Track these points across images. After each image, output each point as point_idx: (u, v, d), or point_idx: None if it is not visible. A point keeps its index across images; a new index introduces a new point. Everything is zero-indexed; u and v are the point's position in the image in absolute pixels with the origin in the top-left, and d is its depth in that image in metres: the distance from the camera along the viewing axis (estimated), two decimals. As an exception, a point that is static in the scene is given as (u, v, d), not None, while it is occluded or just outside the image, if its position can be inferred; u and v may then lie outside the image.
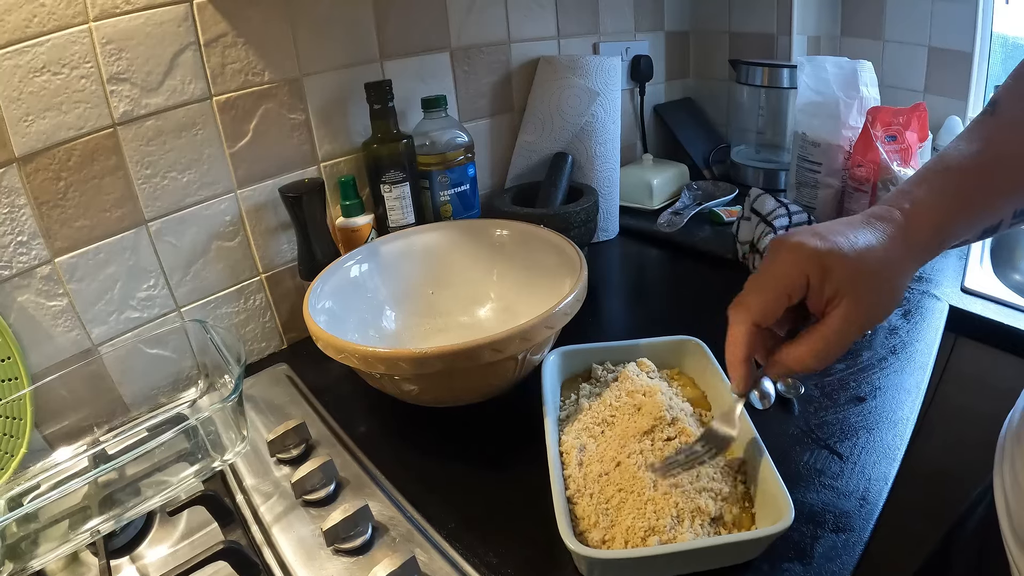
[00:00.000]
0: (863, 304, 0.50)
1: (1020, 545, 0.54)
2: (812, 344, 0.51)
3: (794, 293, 0.51)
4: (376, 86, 0.93)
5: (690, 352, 0.75)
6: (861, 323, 0.50)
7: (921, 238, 0.52)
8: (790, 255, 0.51)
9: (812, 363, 0.51)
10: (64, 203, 0.74)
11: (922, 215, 0.52)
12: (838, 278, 0.49)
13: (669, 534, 0.53)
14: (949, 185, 0.53)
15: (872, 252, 0.50)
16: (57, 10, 0.69)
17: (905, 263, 0.52)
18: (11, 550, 0.60)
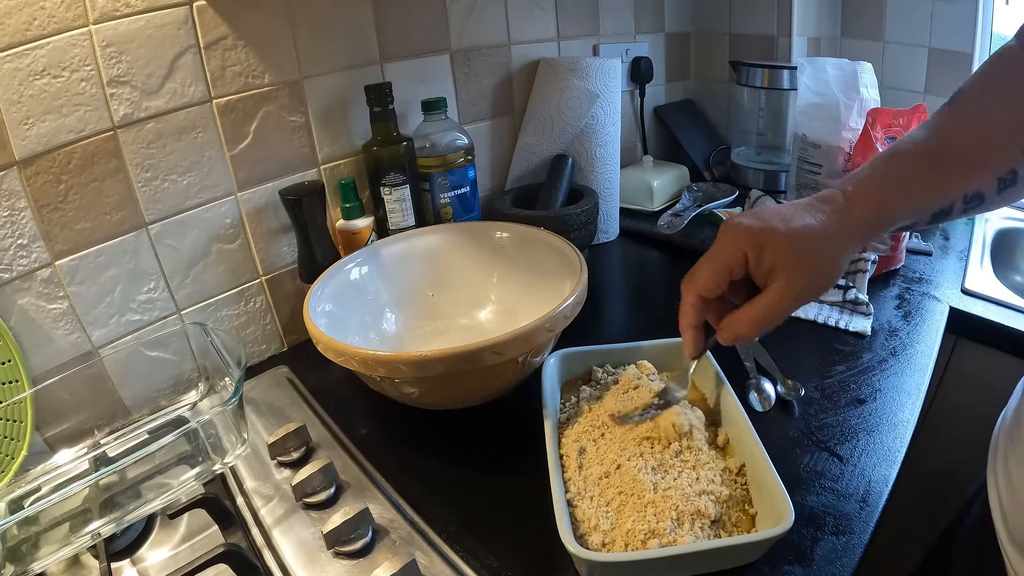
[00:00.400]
0: (797, 277, 0.54)
1: (1014, 542, 0.55)
2: (751, 312, 0.56)
3: (735, 268, 0.56)
4: (376, 88, 0.93)
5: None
6: (796, 295, 0.54)
7: (860, 218, 0.55)
8: (730, 234, 0.56)
9: (750, 328, 0.56)
10: (64, 206, 0.74)
11: (863, 196, 0.56)
12: (773, 254, 0.54)
13: (669, 537, 0.53)
14: (894, 169, 0.57)
15: (807, 230, 0.54)
16: (57, 13, 0.69)
17: (841, 240, 0.55)
18: (12, 553, 0.60)
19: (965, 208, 0.56)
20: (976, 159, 0.55)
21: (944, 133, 0.57)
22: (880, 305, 0.95)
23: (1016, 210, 1.26)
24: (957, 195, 0.55)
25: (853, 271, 0.98)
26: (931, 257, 1.10)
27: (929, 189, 0.55)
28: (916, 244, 1.12)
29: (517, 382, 0.76)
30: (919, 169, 0.56)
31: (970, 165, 0.55)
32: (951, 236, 1.17)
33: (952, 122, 0.58)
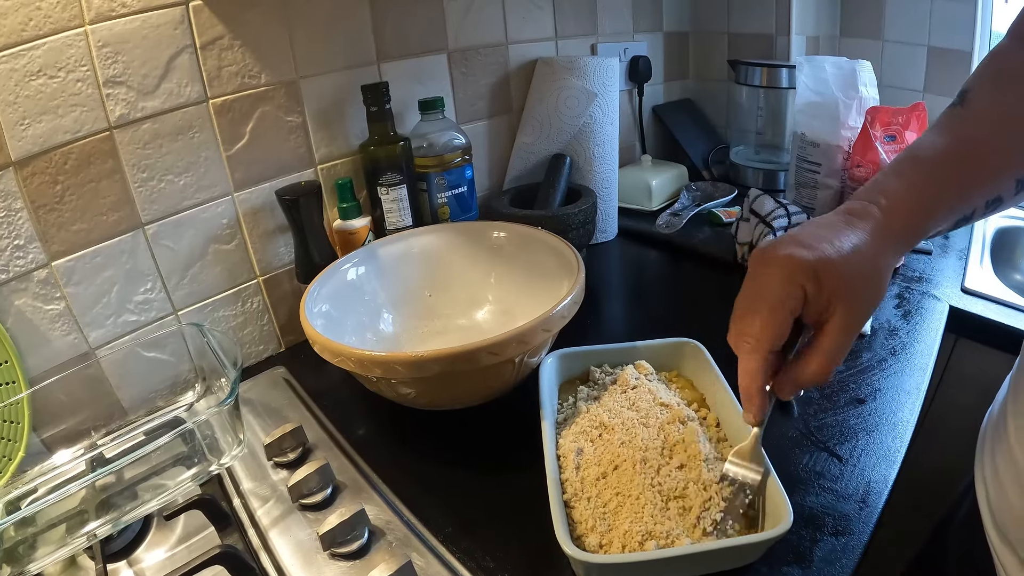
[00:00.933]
0: (856, 307, 0.50)
1: (1000, 535, 0.55)
2: (821, 358, 0.51)
3: (796, 309, 0.50)
4: (373, 88, 0.93)
5: (689, 354, 0.75)
6: (858, 325, 0.51)
7: (899, 231, 0.52)
8: (781, 270, 0.50)
9: (825, 377, 0.51)
10: (61, 207, 0.74)
11: (898, 209, 0.53)
12: (831, 286, 0.49)
13: (667, 538, 0.53)
14: (923, 178, 0.54)
15: (858, 254, 0.50)
16: (53, 13, 0.69)
17: (887, 257, 0.52)
18: (8, 554, 0.60)
19: (985, 212, 0.55)
20: (1000, 163, 0.53)
21: (963, 139, 0.55)
22: (880, 305, 0.95)
23: (1016, 208, 1.26)
24: (980, 200, 0.54)
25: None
26: (931, 256, 1.09)
27: (956, 196, 0.54)
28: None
29: (514, 383, 0.76)
30: (944, 177, 0.54)
31: (994, 169, 0.53)
32: (950, 235, 1.17)
33: (968, 127, 0.55)
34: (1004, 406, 0.59)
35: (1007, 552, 0.54)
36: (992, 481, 0.57)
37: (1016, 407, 0.55)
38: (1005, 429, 0.56)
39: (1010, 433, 0.55)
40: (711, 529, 0.54)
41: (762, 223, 1.02)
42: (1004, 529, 0.54)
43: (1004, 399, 0.60)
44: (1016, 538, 0.53)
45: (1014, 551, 0.53)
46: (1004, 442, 0.56)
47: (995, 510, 0.56)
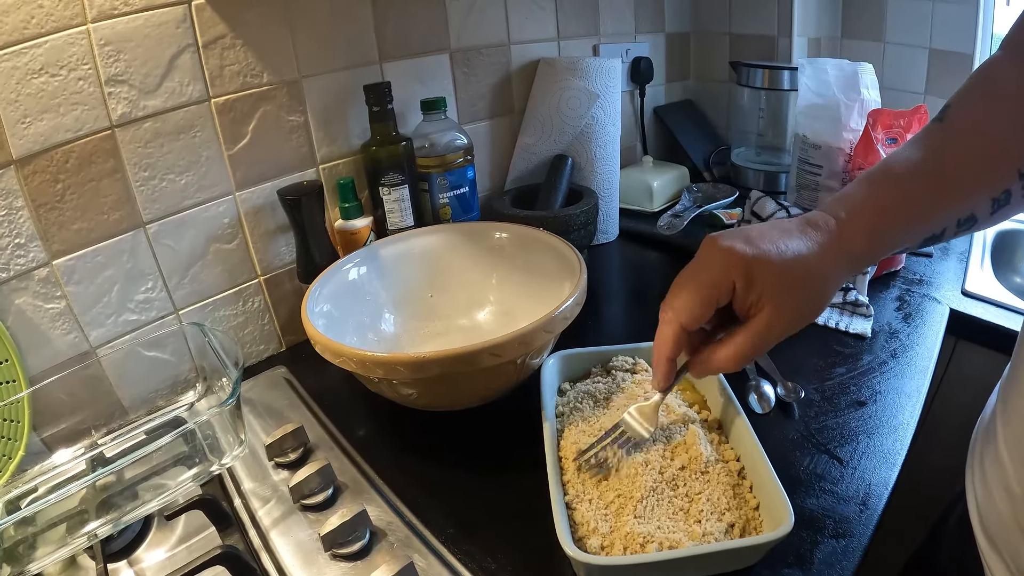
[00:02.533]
0: (785, 311, 0.51)
1: (988, 540, 0.55)
2: (734, 348, 0.53)
3: (722, 298, 0.52)
4: (375, 88, 0.93)
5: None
6: (783, 328, 0.52)
7: (853, 247, 0.53)
8: (718, 258, 0.52)
9: (733, 366, 0.53)
10: (62, 205, 0.74)
11: (857, 224, 0.53)
12: (762, 285, 0.51)
13: (668, 540, 0.53)
14: (889, 193, 0.54)
15: (800, 261, 0.51)
16: (55, 11, 0.69)
17: (834, 271, 0.52)
18: (8, 553, 0.60)
19: (957, 231, 0.54)
20: (972, 181, 0.53)
21: (939, 154, 0.54)
22: (880, 307, 0.95)
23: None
24: (951, 219, 0.53)
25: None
26: (931, 259, 1.09)
27: (925, 214, 0.53)
28: (916, 245, 1.11)
29: (516, 383, 0.76)
30: (915, 193, 0.53)
31: (966, 188, 0.53)
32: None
33: (946, 142, 0.55)
34: (994, 411, 0.59)
35: (995, 557, 0.54)
36: (981, 486, 0.57)
37: (1005, 413, 0.55)
38: (995, 434, 0.56)
39: (999, 438, 0.55)
40: (588, 465, 0.61)
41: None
42: (992, 534, 0.55)
43: (994, 405, 0.60)
44: (1003, 543, 0.53)
45: (1001, 556, 0.53)
46: (993, 447, 0.56)
47: (984, 515, 0.56)
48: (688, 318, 0.54)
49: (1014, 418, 0.54)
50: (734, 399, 0.66)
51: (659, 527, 0.54)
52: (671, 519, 0.55)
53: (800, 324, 0.53)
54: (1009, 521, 0.52)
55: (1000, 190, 0.52)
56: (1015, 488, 0.51)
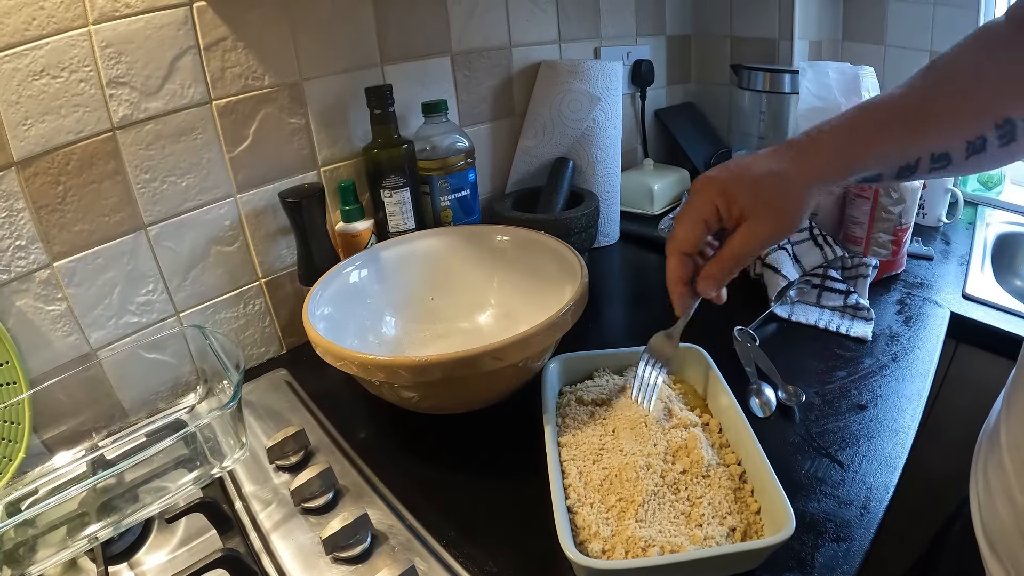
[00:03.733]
0: (762, 220, 0.57)
1: (990, 547, 0.55)
2: (720, 258, 0.60)
3: (709, 220, 0.59)
4: (377, 91, 0.93)
5: (692, 360, 0.75)
6: (762, 236, 0.58)
7: (824, 162, 0.58)
8: (701, 187, 0.60)
9: (721, 272, 0.60)
10: (63, 207, 0.74)
11: (828, 141, 0.58)
12: (741, 201, 0.57)
13: (670, 544, 0.53)
14: (864, 119, 0.59)
15: (771, 175, 0.58)
16: (56, 13, 0.69)
17: (804, 182, 0.57)
18: (8, 556, 0.60)
19: (932, 167, 0.58)
20: (948, 119, 0.57)
21: (918, 92, 0.59)
22: (881, 310, 0.95)
23: (1016, 214, 1.26)
24: (924, 152, 0.57)
25: (854, 276, 0.98)
26: (932, 262, 1.09)
27: (897, 142, 0.57)
28: (917, 249, 1.12)
29: (517, 387, 0.76)
30: (889, 122, 0.58)
31: (941, 125, 0.57)
32: (952, 241, 1.17)
33: (927, 83, 0.59)
34: (998, 418, 0.59)
35: (996, 564, 0.54)
36: (984, 492, 0.58)
37: (1008, 420, 0.56)
38: (998, 441, 0.57)
39: (1002, 445, 0.55)
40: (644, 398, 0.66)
41: (764, 228, 1.02)
42: (993, 541, 0.55)
43: (999, 411, 0.60)
44: (1004, 551, 0.53)
45: (1003, 564, 0.53)
46: (996, 454, 0.56)
47: (986, 522, 0.57)
48: (684, 244, 0.61)
49: (1016, 425, 0.54)
50: (735, 403, 0.66)
51: (660, 531, 0.54)
52: (672, 523, 0.55)
53: (779, 233, 0.58)
54: (1011, 528, 0.52)
55: (975, 135, 0.56)
56: (1017, 496, 0.51)
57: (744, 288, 1.03)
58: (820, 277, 0.98)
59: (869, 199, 1.01)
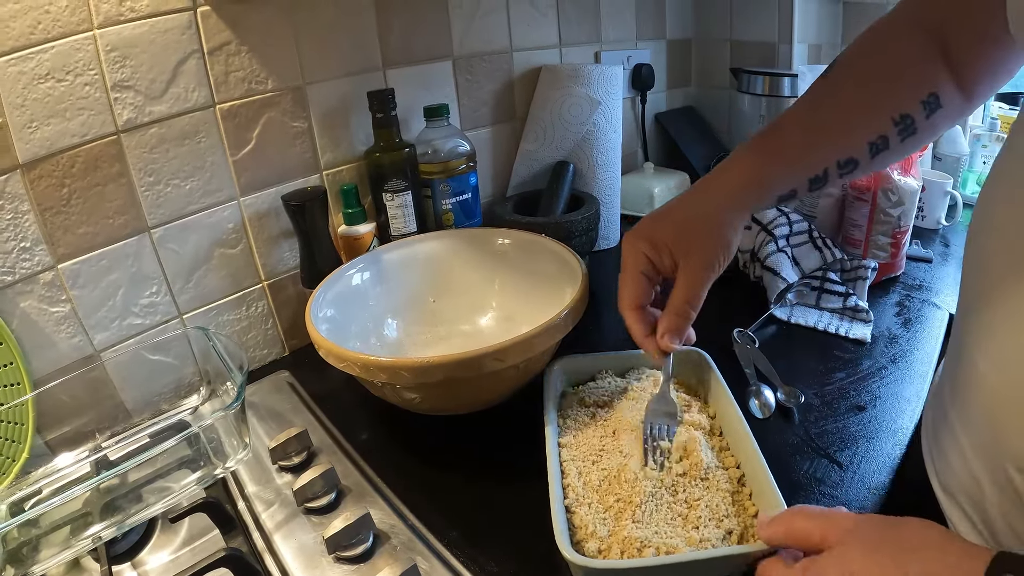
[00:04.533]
0: (695, 257, 0.59)
1: (946, 492, 0.57)
2: (671, 306, 0.60)
3: (646, 271, 0.61)
4: (379, 95, 0.93)
5: (693, 362, 0.75)
6: (699, 273, 0.59)
7: (735, 188, 0.60)
8: (627, 244, 0.62)
9: (677, 321, 0.60)
10: (67, 210, 0.75)
11: (736, 167, 0.61)
12: (668, 244, 0.60)
13: (666, 545, 0.53)
14: (768, 140, 0.61)
15: (689, 214, 0.61)
16: (62, 17, 0.70)
17: (726, 214, 0.59)
18: (12, 555, 0.60)
19: (841, 173, 0.60)
20: (845, 126, 0.59)
21: (816, 102, 0.61)
22: (880, 312, 0.95)
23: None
24: (831, 160, 0.59)
25: (853, 278, 0.98)
26: (931, 264, 1.10)
27: (801, 156, 0.59)
28: (916, 251, 1.12)
29: (518, 388, 0.76)
30: (792, 137, 0.60)
31: (839, 132, 0.59)
32: (951, 243, 1.18)
33: (825, 92, 0.61)
34: (941, 394, 0.61)
35: (954, 509, 0.56)
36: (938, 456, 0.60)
37: (954, 398, 0.57)
38: (946, 418, 0.58)
39: (953, 423, 0.57)
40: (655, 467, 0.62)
41: (763, 231, 1.03)
42: (949, 487, 0.57)
43: (940, 385, 0.63)
44: (961, 494, 0.55)
45: (960, 506, 0.56)
46: (947, 428, 0.58)
47: (939, 470, 0.59)
48: (631, 299, 0.62)
49: (961, 383, 0.56)
50: (736, 405, 0.66)
51: (657, 532, 0.55)
52: (669, 524, 0.56)
53: (712, 265, 0.59)
54: (962, 472, 0.55)
55: (876, 135, 0.58)
56: (962, 439, 0.55)
57: (744, 290, 1.03)
58: (819, 279, 0.98)
59: (868, 202, 1.01)
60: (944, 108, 0.59)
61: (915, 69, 0.59)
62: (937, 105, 0.58)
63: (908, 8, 0.62)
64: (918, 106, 0.58)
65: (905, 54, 0.59)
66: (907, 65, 0.59)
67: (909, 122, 0.58)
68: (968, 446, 0.53)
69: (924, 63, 0.59)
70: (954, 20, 0.58)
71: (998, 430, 0.49)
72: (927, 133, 0.60)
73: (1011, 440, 0.47)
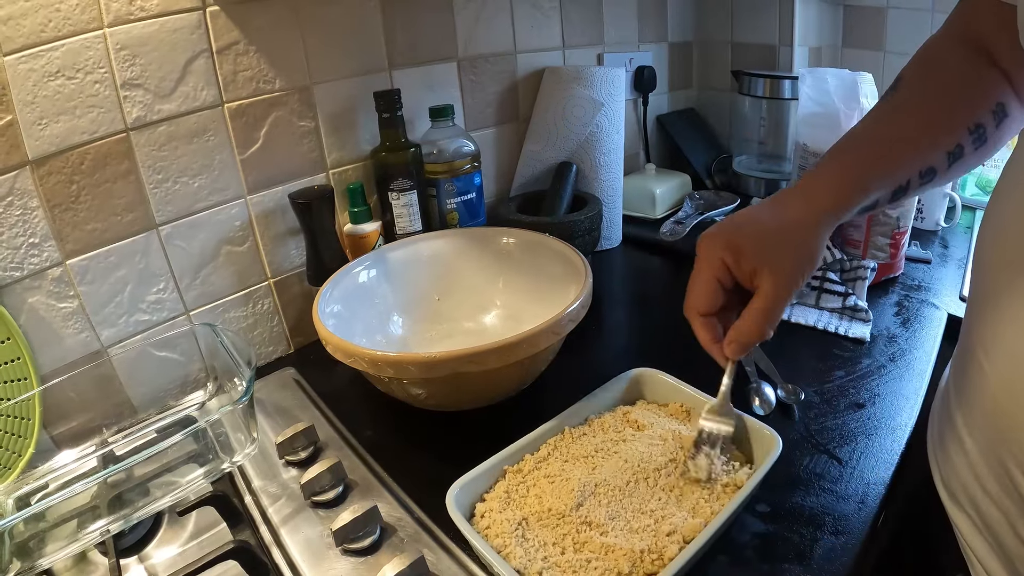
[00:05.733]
0: (781, 268, 0.56)
1: (951, 496, 0.58)
2: (749, 317, 0.57)
3: (721, 277, 0.58)
4: (385, 95, 0.94)
5: (646, 381, 0.75)
6: (786, 284, 0.56)
7: (824, 198, 0.58)
8: (705, 246, 0.60)
9: (755, 333, 0.57)
10: (76, 206, 0.75)
11: (824, 178, 0.60)
12: (751, 253, 0.57)
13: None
14: (852, 153, 0.61)
15: (776, 222, 0.58)
16: (72, 15, 0.70)
17: (811, 224, 0.58)
18: (20, 549, 0.61)
19: (921, 183, 0.60)
20: (926, 136, 0.59)
21: (892, 117, 0.62)
22: (879, 312, 0.96)
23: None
24: (914, 170, 0.59)
25: (852, 278, 0.99)
26: (930, 265, 1.11)
27: (887, 166, 0.59)
28: (915, 252, 1.13)
29: (522, 385, 0.77)
30: (877, 149, 0.60)
31: (921, 145, 0.59)
32: (950, 244, 1.18)
33: (899, 106, 0.62)
34: (947, 397, 0.62)
35: (959, 513, 0.57)
36: (943, 460, 0.60)
37: (959, 400, 0.58)
38: (951, 421, 0.59)
39: (958, 426, 0.57)
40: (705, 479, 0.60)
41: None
42: (953, 491, 0.58)
43: (946, 389, 0.63)
44: (964, 499, 0.56)
45: (964, 511, 0.56)
46: (953, 431, 0.58)
47: (944, 475, 0.59)
48: (701, 305, 0.59)
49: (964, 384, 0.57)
50: (705, 397, 0.69)
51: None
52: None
53: (801, 277, 0.57)
54: (967, 475, 0.55)
55: (954, 144, 0.59)
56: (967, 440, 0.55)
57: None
58: (819, 279, 0.99)
59: (868, 203, 1.02)
60: (1010, 116, 0.61)
61: (981, 81, 0.60)
62: (1004, 114, 0.60)
63: (953, 26, 0.64)
64: (989, 116, 0.60)
65: (968, 68, 0.61)
66: (973, 78, 0.61)
67: (981, 131, 0.60)
68: (973, 448, 0.54)
69: (986, 75, 0.60)
70: (992, 35, 0.60)
71: (1003, 432, 0.49)
72: (995, 141, 0.61)
73: (1016, 443, 0.48)
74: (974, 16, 0.62)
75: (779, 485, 0.65)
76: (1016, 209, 0.51)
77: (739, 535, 0.60)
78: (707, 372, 0.56)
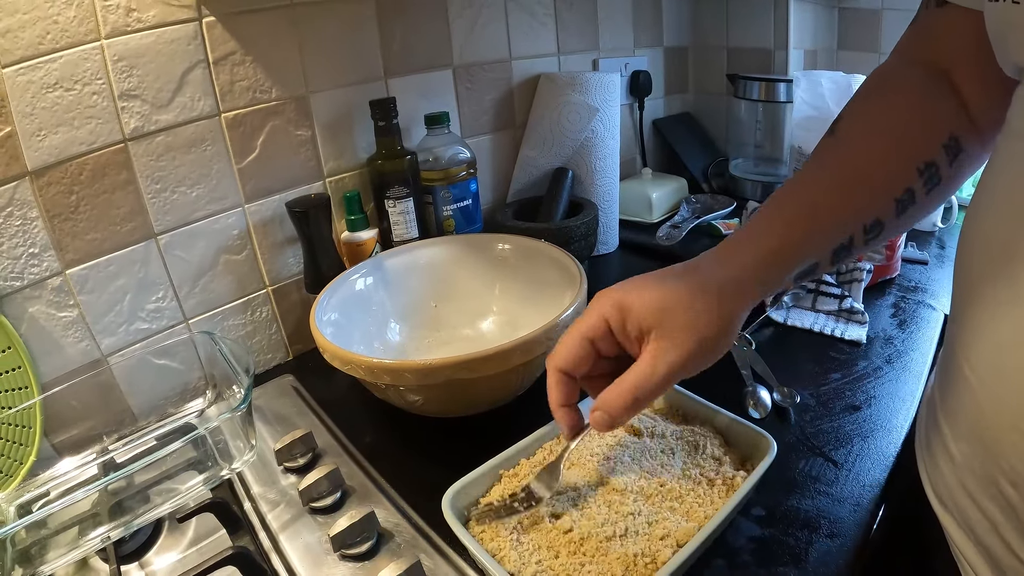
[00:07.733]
0: (671, 337, 0.49)
1: (939, 501, 0.56)
2: (621, 387, 0.50)
3: (595, 337, 0.52)
4: (381, 103, 0.95)
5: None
6: (676, 358, 0.49)
7: (738, 266, 0.52)
8: (595, 303, 0.53)
9: (622, 408, 0.50)
10: (75, 216, 0.76)
11: (741, 246, 0.53)
12: (639, 314, 0.50)
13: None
14: (782, 210, 0.54)
15: (681, 283, 0.50)
16: (70, 27, 0.71)
17: (722, 292, 0.51)
18: (22, 555, 0.61)
19: (867, 239, 0.54)
20: (869, 182, 0.53)
21: (830, 162, 0.55)
22: (876, 314, 0.96)
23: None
24: (856, 225, 0.53)
25: (848, 280, 0.99)
26: (927, 266, 1.11)
27: (823, 222, 0.53)
28: (912, 253, 1.13)
29: (518, 391, 0.77)
30: (810, 200, 0.53)
31: (863, 190, 0.53)
32: (947, 245, 1.19)
33: (837, 149, 0.56)
34: (933, 404, 0.58)
35: (948, 518, 0.55)
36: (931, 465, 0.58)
37: (944, 408, 0.55)
38: (937, 427, 0.56)
39: (944, 433, 0.55)
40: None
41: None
42: (941, 496, 0.56)
43: (932, 395, 0.60)
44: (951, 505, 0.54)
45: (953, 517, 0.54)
46: (939, 438, 0.57)
47: (933, 480, 0.57)
48: (564, 363, 0.53)
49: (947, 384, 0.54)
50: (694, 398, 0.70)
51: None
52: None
53: (692, 355, 0.49)
54: (952, 481, 0.53)
55: (902, 189, 0.53)
56: (952, 447, 0.52)
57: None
58: (815, 282, 0.99)
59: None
60: (964, 151, 0.54)
61: (930, 113, 0.55)
62: (959, 148, 0.54)
63: (907, 48, 0.59)
64: (940, 151, 0.53)
65: (916, 98, 0.55)
66: (920, 109, 0.55)
67: (934, 171, 0.53)
68: (959, 456, 0.52)
69: (938, 106, 0.55)
70: (954, 52, 0.55)
71: (988, 442, 0.47)
72: (951, 182, 0.55)
73: (1002, 454, 0.46)
74: (929, 32, 0.58)
75: (774, 488, 0.65)
76: (995, 218, 0.48)
77: (734, 538, 0.60)
78: (704, 375, 0.56)
